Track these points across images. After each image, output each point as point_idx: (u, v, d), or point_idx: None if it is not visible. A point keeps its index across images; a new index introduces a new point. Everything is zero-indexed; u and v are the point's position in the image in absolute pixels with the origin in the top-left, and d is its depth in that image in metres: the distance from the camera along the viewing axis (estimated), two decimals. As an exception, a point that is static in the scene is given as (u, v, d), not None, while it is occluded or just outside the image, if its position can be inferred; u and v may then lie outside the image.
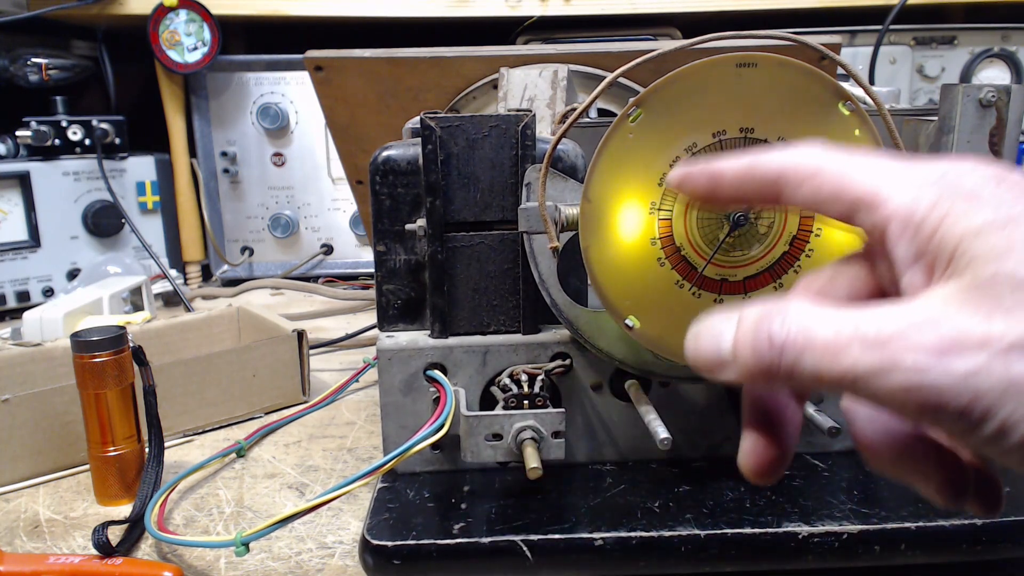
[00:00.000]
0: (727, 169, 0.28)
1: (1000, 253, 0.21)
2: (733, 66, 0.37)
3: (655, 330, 0.41)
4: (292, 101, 1.09)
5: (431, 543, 0.40)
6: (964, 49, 1.08)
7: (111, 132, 1.03)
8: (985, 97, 0.44)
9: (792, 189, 0.26)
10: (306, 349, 0.67)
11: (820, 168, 0.26)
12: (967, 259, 0.21)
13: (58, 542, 0.47)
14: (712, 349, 0.24)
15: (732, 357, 0.24)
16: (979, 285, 0.21)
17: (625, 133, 0.39)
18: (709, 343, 0.24)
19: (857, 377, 0.21)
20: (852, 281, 0.27)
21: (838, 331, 0.21)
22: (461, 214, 0.46)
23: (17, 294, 0.97)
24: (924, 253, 0.23)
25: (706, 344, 0.24)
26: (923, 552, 0.40)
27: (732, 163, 0.28)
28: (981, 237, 0.21)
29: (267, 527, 0.38)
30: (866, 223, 0.25)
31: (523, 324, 0.47)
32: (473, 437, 0.42)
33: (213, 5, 1.02)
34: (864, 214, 0.24)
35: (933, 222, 0.23)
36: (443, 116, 0.44)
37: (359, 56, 0.64)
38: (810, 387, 0.23)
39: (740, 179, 0.28)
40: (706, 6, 1.05)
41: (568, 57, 0.64)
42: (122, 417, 0.51)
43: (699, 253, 0.40)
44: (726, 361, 0.24)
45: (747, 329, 0.23)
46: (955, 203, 0.22)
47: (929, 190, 0.23)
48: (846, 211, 0.25)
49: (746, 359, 0.23)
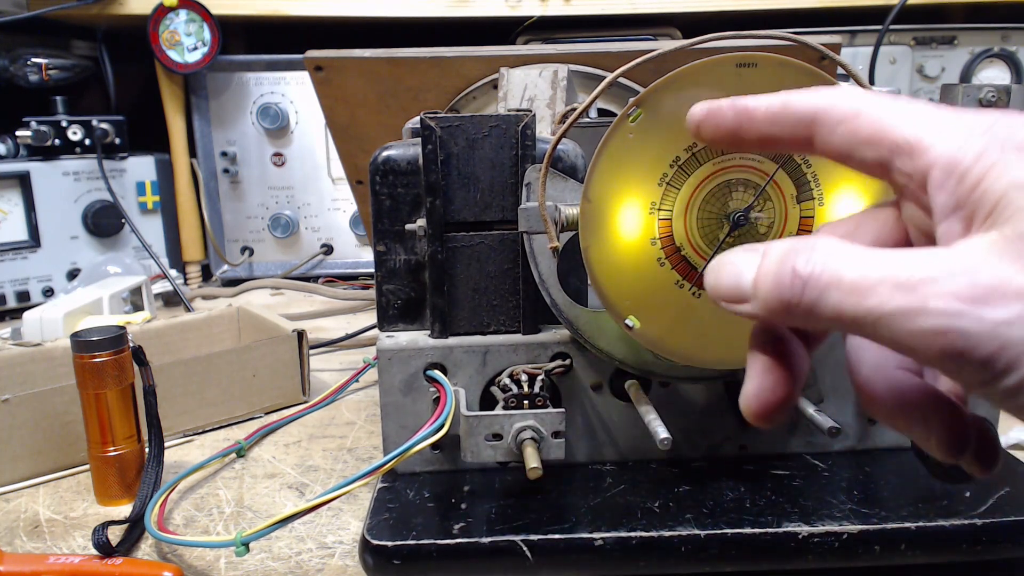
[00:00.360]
0: (759, 106, 0.27)
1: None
2: (733, 66, 0.37)
3: (655, 330, 0.41)
4: (292, 101, 1.09)
5: (431, 543, 0.40)
6: (964, 49, 1.08)
7: (111, 132, 1.03)
8: (985, 97, 0.44)
9: (828, 131, 0.26)
10: (306, 349, 0.67)
11: (860, 110, 0.25)
12: (1011, 211, 0.21)
13: (58, 542, 0.47)
14: (732, 281, 0.24)
15: (753, 291, 0.23)
16: (1021, 236, 0.20)
17: (625, 133, 0.39)
18: (730, 274, 0.24)
19: (881, 316, 0.20)
20: (878, 230, 0.27)
21: (866, 270, 0.21)
22: (461, 214, 0.46)
23: (17, 294, 0.98)
24: (964, 203, 0.22)
25: (727, 275, 0.24)
26: (923, 552, 0.40)
27: (765, 99, 0.27)
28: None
29: (267, 527, 0.38)
30: (904, 169, 0.24)
31: (523, 324, 0.47)
32: (473, 437, 0.42)
33: (213, 5, 1.02)
34: (904, 160, 0.24)
35: (978, 172, 0.22)
36: (443, 116, 0.44)
37: (359, 56, 0.64)
38: (828, 326, 0.22)
39: (772, 118, 0.27)
40: (706, 6, 1.05)
41: (568, 57, 0.64)
42: (122, 417, 0.51)
43: (699, 253, 0.40)
44: (746, 294, 0.23)
45: (771, 262, 0.23)
46: (1003, 154, 0.22)
47: (977, 140, 0.23)
48: (883, 157, 0.24)
49: (767, 293, 0.23)
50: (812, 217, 0.40)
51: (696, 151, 0.39)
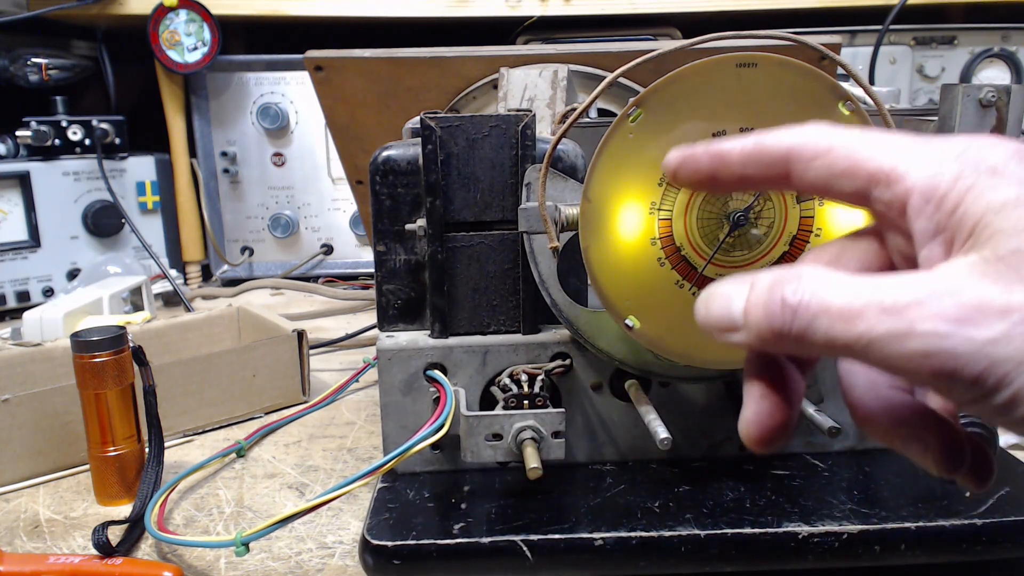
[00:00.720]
0: (733, 149, 0.28)
1: (1023, 228, 0.21)
2: (733, 66, 0.37)
3: (655, 330, 0.41)
4: (292, 101, 1.09)
5: (431, 543, 0.40)
6: (964, 49, 1.08)
7: (111, 132, 1.03)
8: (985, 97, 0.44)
9: (803, 167, 0.26)
10: (306, 349, 0.67)
11: (833, 145, 0.26)
12: (989, 233, 0.22)
13: (58, 542, 0.47)
14: (723, 312, 0.24)
15: (744, 320, 0.24)
16: (1001, 257, 0.21)
17: (625, 133, 0.39)
18: (721, 305, 0.24)
19: (871, 341, 0.21)
20: (861, 256, 0.27)
21: (853, 297, 0.21)
22: (461, 214, 0.46)
23: (17, 294, 0.98)
24: (944, 227, 0.23)
25: (718, 306, 0.24)
26: (923, 552, 0.40)
27: (737, 142, 0.28)
28: (1004, 212, 0.22)
29: (267, 527, 0.38)
30: (883, 198, 0.25)
31: (523, 324, 0.47)
32: (473, 437, 0.42)
33: (213, 5, 1.02)
34: (881, 189, 0.24)
35: (956, 196, 0.23)
36: (443, 116, 0.44)
37: (359, 56, 0.64)
38: (820, 353, 0.23)
39: (747, 159, 0.27)
40: (706, 6, 1.05)
41: (568, 57, 0.64)
42: (122, 417, 0.51)
43: (699, 253, 0.40)
44: (737, 324, 0.24)
45: (760, 292, 0.23)
46: (978, 178, 0.22)
47: (951, 165, 0.23)
48: (861, 187, 0.25)
49: (758, 322, 0.23)
50: (812, 217, 0.40)
51: (696, 151, 0.39)
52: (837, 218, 0.40)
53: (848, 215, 0.40)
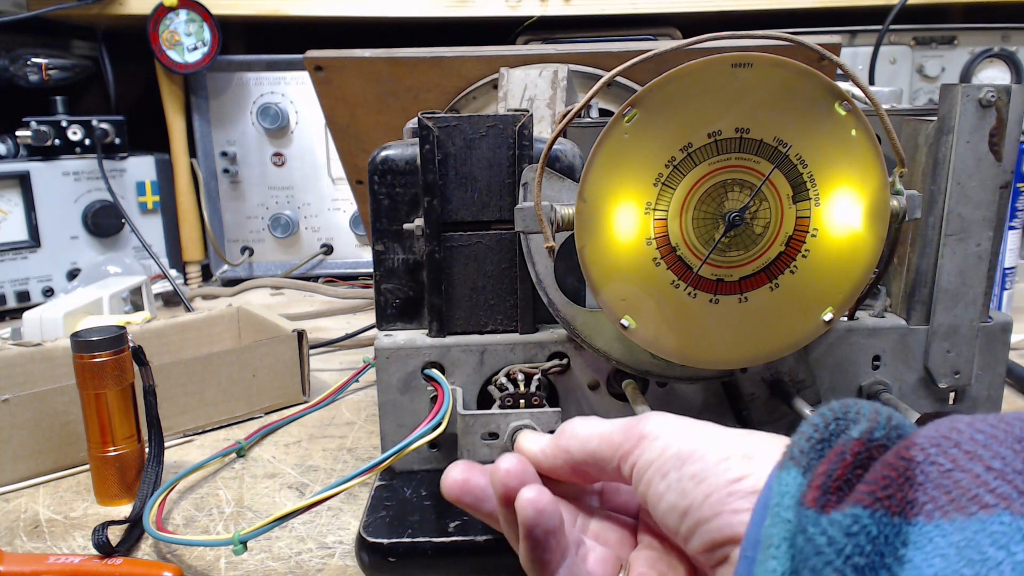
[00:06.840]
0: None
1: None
2: (728, 66, 0.37)
3: (651, 330, 0.41)
4: (292, 101, 1.09)
5: (427, 541, 0.40)
6: (964, 49, 1.08)
7: (111, 132, 1.03)
8: (985, 97, 0.44)
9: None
10: (306, 349, 0.67)
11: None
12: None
13: (58, 542, 0.47)
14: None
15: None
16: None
17: (621, 133, 0.39)
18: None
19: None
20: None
21: None
22: (459, 214, 0.46)
23: (17, 294, 0.98)
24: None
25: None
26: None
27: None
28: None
29: (265, 525, 0.38)
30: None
31: (520, 323, 0.47)
32: (469, 436, 0.42)
33: (213, 5, 1.02)
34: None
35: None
36: (441, 116, 0.44)
37: (359, 56, 0.65)
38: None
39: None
40: (706, 6, 1.05)
41: (568, 57, 0.65)
42: (122, 417, 0.51)
43: (695, 253, 0.40)
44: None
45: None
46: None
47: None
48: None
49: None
50: (808, 217, 0.40)
51: (692, 151, 0.39)
52: (833, 218, 0.40)
53: (846, 215, 0.40)
